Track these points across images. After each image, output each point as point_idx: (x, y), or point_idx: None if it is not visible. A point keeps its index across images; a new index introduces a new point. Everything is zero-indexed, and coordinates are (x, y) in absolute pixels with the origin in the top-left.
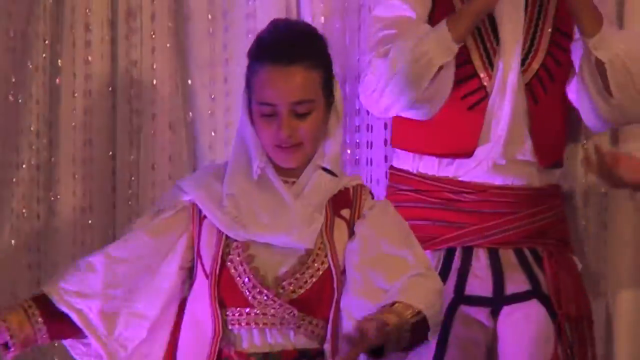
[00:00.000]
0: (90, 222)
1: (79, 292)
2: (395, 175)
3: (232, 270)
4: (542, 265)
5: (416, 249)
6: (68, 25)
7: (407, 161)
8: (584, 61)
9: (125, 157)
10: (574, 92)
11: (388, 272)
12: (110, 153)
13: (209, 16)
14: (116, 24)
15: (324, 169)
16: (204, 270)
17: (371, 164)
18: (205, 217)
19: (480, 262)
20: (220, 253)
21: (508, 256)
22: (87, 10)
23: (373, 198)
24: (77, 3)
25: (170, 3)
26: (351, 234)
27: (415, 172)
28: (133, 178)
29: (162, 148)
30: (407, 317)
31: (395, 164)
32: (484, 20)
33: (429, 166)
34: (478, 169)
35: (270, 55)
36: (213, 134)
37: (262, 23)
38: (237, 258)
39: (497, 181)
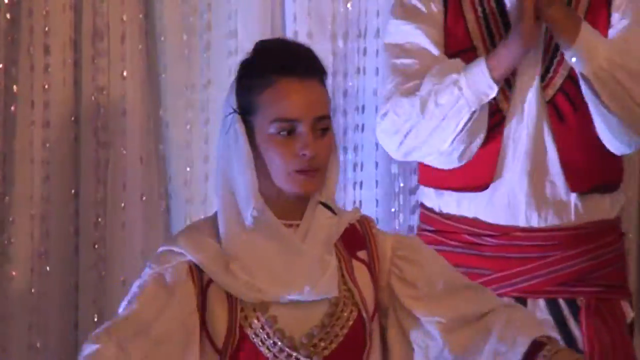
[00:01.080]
0: (48, 269)
1: None
2: (423, 214)
3: (253, 337)
4: (579, 319)
5: None
6: (25, 47)
7: (431, 198)
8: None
9: (90, 196)
10: None
11: (473, 300)
12: (73, 191)
13: (184, 36)
14: (80, 45)
15: (324, 205)
16: (212, 344)
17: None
18: (210, 282)
19: None
20: (236, 321)
21: (538, 308)
22: (47, 30)
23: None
24: (35, 22)
25: (142, 22)
26: (374, 276)
27: (437, 210)
28: (99, 219)
29: (133, 185)
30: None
31: (423, 201)
32: (500, 34)
33: (449, 204)
34: (498, 206)
35: (285, 68)
36: (188, 168)
37: (244, 43)
38: (257, 322)
39: (521, 222)
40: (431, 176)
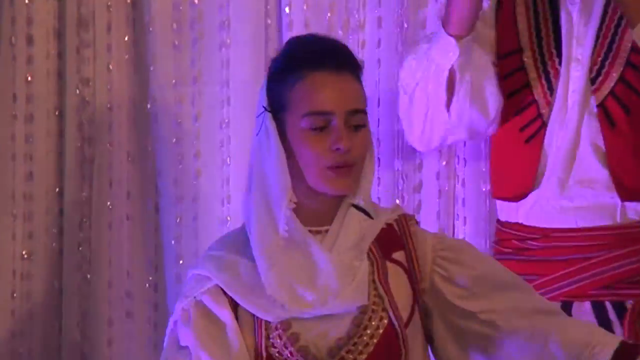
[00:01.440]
0: (31, 271)
1: None
2: (495, 227)
3: (277, 357)
4: (624, 322)
5: None
6: (6, 38)
7: (498, 209)
8: None
9: (75, 194)
10: None
11: (527, 297)
12: (57, 189)
13: (174, 26)
14: (64, 35)
15: (356, 207)
16: None
17: None
18: (237, 303)
19: None
20: (261, 342)
21: (584, 311)
22: (29, 19)
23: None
24: (17, 12)
25: (129, 11)
26: (412, 279)
27: (501, 220)
28: (84, 219)
29: (119, 183)
30: None
31: (497, 215)
32: (548, 35)
33: (504, 212)
34: (539, 210)
35: (318, 62)
36: (180, 166)
37: (237, 34)
38: (279, 341)
39: (559, 224)
40: (494, 188)
